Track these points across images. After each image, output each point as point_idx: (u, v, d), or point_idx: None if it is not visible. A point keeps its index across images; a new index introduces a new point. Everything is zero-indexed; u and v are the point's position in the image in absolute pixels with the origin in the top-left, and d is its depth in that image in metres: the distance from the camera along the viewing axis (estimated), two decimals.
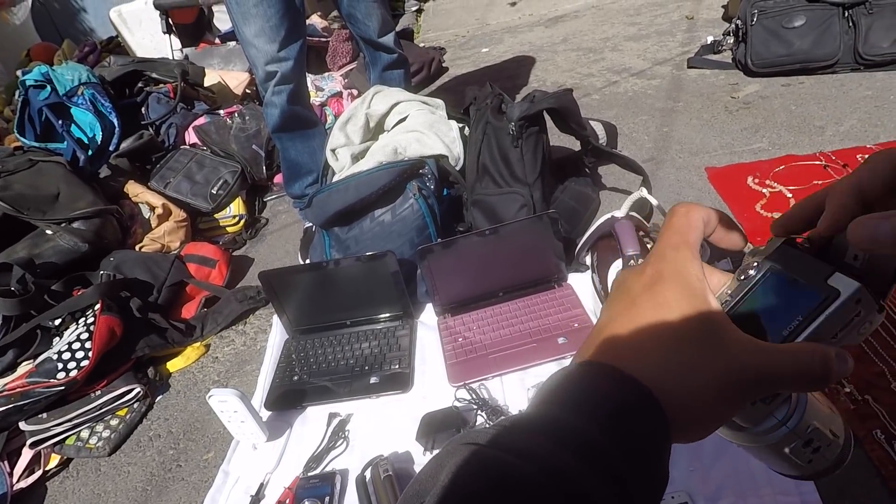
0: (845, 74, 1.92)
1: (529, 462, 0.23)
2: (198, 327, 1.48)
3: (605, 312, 0.30)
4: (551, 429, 0.25)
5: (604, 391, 0.26)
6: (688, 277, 0.28)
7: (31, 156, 1.75)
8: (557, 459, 0.23)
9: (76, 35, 4.04)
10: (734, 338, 0.26)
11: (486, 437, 0.25)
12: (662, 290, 0.27)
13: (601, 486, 0.23)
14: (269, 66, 1.52)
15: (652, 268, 0.29)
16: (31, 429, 1.21)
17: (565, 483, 0.23)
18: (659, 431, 0.25)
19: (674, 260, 0.28)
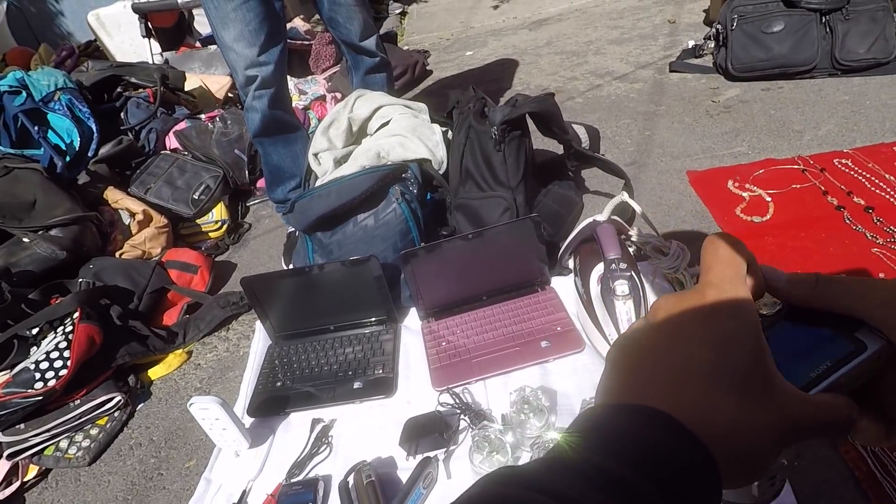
0: (823, 79, 1.97)
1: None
2: (179, 334, 1.47)
3: (649, 336, 0.28)
4: (582, 468, 0.23)
5: (662, 448, 0.24)
6: (748, 316, 0.26)
7: (6, 163, 1.72)
8: (589, 500, 0.22)
9: (53, 39, 3.98)
10: (782, 387, 0.25)
11: (527, 479, 0.23)
12: (722, 328, 0.25)
13: None
14: (248, 70, 1.51)
15: (711, 299, 0.26)
16: (8, 440, 1.19)
17: None
18: (714, 491, 0.23)
19: (735, 294, 0.26)
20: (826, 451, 0.90)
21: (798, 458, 0.90)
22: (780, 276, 0.29)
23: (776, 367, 0.25)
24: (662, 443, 0.24)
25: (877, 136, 1.64)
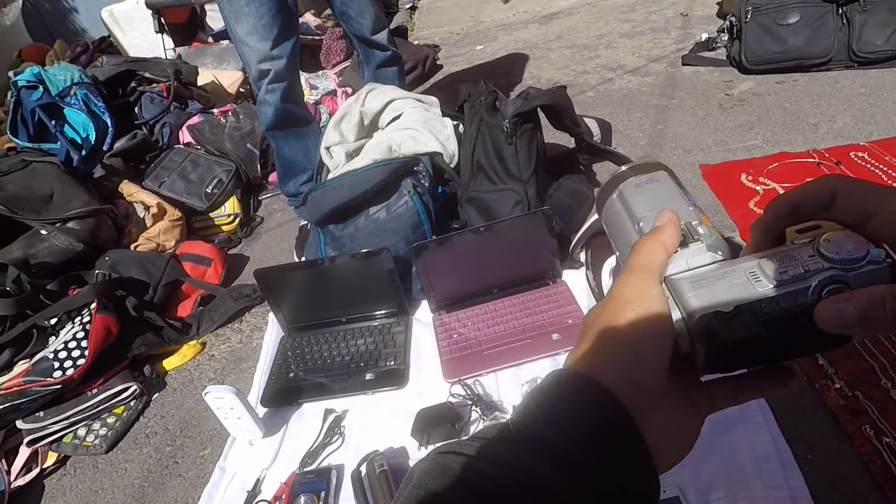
0: (839, 72, 1.93)
1: (510, 473, 0.24)
2: (194, 325, 1.49)
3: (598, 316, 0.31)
4: (529, 442, 0.25)
5: (583, 405, 0.26)
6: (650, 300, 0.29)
7: (24, 156, 1.75)
8: (538, 471, 0.24)
9: (67, 35, 4.02)
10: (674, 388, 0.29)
11: (466, 447, 0.26)
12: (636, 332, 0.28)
13: (583, 497, 0.24)
14: (262, 64, 1.52)
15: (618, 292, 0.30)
16: (28, 427, 1.22)
17: (545, 492, 0.23)
18: (635, 443, 0.26)
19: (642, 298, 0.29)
20: (840, 444, 0.89)
21: (811, 452, 0.89)
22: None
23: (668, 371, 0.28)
24: (584, 402, 0.26)
25: (894, 128, 1.61)
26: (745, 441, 0.91)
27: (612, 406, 0.25)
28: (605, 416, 0.25)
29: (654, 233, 0.30)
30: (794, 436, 0.91)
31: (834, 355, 1.02)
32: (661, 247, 0.30)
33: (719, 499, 0.85)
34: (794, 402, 0.97)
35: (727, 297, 0.27)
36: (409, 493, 0.25)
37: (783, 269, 0.27)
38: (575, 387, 0.27)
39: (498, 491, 0.24)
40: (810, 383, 0.99)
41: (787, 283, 0.27)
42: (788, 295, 0.27)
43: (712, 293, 0.28)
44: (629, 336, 0.27)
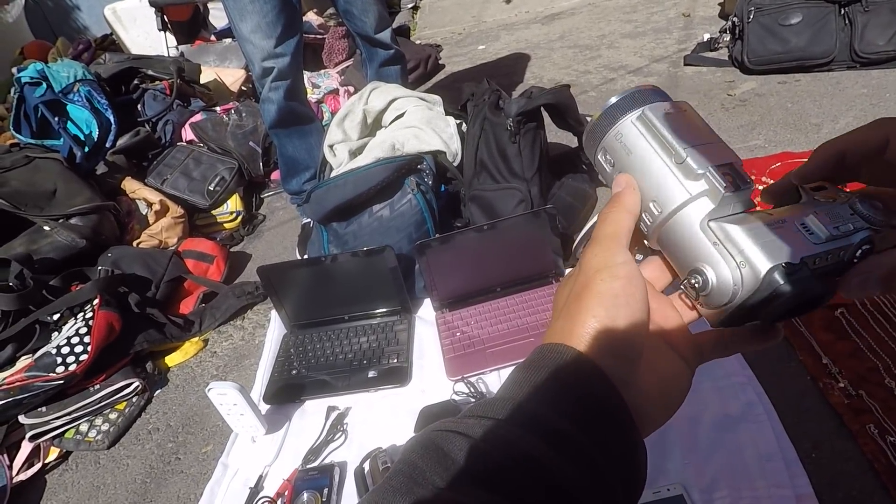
0: (841, 72, 1.94)
1: (498, 448, 0.24)
2: (196, 322, 1.49)
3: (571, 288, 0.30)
4: (518, 416, 0.25)
5: (565, 376, 0.26)
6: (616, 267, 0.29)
7: (27, 152, 1.75)
8: (527, 445, 0.24)
9: (70, 33, 4.02)
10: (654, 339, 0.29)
11: (455, 424, 0.26)
12: (610, 292, 0.28)
13: (571, 467, 0.24)
14: (265, 62, 1.52)
15: (587, 263, 0.30)
16: (30, 422, 1.22)
17: (533, 464, 0.24)
18: (617, 410, 0.26)
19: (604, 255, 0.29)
20: (844, 443, 0.89)
21: (815, 450, 0.89)
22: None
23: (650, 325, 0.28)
24: (563, 372, 0.26)
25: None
26: (749, 439, 0.92)
27: (594, 375, 0.26)
28: (587, 385, 0.26)
29: (616, 199, 0.30)
30: (797, 434, 0.91)
31: (837, 354, 1.02)
32: (627, 213, 0.29)
33: (723, 497, 0.85)
34: (798, 401, 0.97)
35: (788, 250, 0.27)
36: (395, 469, 0.25)
37: (835, 224, 0.27)
38: (558, 360, 0.27)
39: (486, 466, 0.24)
40: (814, 382, 0.99)
41: (837, 239, 0.27)
42: (834, 251, 0.27)
43: (774, 244, 0.27)
44: (601, 307, 0.26)
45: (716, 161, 0.29)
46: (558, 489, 0.23)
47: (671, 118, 0.30)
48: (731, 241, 0.27)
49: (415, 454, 0.25)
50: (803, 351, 1.04)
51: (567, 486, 0.23)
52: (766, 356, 1.05)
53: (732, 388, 1.00)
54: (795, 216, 0.28)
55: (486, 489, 0.23)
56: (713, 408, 0.97)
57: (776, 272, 0.26)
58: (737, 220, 0.28)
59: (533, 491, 0.23)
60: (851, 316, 1.08)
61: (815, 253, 0.27)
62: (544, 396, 0.26)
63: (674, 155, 0.29)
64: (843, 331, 1.06)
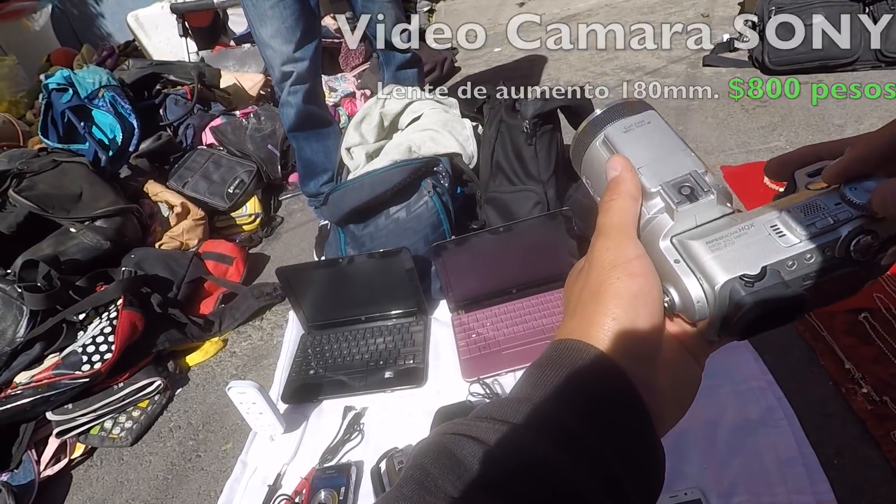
0: (865, 72, 1.90)
1: (508, 452, 0.24)
2: (216, 322, 1.51)
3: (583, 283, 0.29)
4: (529, 417, 0.25)
5: (582, 375, 0.25)
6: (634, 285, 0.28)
7: (54, 157, 1.80)
8: (538, 448, 0.23)
9: (94, 40, 4.12)
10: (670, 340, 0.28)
11: (467, 426, 0.25)
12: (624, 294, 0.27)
13: (585, 472, 0.23)
14: (285, 66, 1.55)
15: (599, 259, 0.29)
16: (57, 419, 1.25)
17: (544, 470, 0.23)
18: (637, 412, 0.25)
19: (616, 249, 0.28)
20: (868, 450, 0.88)
21: (838, 457, 0.88)
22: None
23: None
24: (579, 371, 0.25)
25: None
26: (769, 444, 0.90)
27: (613, 375, 0.25)
28: (605, 385, 0.25)
29: (615, 186, 0.28)
30: (819, 440, 0.90)
31: (861, 359, 1.00)
32: (630, 199, 0.28)
33: (742, 502, 0.84)
34: (820, 407, 0.95)
35: (751, 258, 0.25)
36: (406, 474, 0.25)
37: (809, 220, 0.25)
38: (579, 358, 0.26)
39: (499, 473, 0.23)
40: (836, 387, 0.97)
41: (815, 237, 0.24)
42: (817, 250, 0.24)
43: (733, 254, 0.25)
44: (621, 307, 0.26)
45: (671, 175, 0.28)
46: (572, 496, 0.23)
47: (630, 136, 0.30)
48: (691, 257, 0.26)
49: (427, 459, 0.25)
50: (825, 356, 1.02)
51: (582, 493, 0.23)
52: (787, 361, 1.04)
53: (752, 392, 0.98)
54: (767, 217, 0.26)
55: (498, 497, 0.23)
56: (732, 412, 0.96)
57: (733, 285, 0.24)
58: (699, 232, 0.27)
59: (546, 499, 0.23)
60: (875, 320, 1.06)
61: (786, 257, 0.25)
62: (561, 397, 0.25)
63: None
64: (867, 335, 1.04)
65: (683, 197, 0.27)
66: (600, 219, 0.29)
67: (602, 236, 0.28)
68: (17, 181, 1.64)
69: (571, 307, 0.29)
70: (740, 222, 0.26)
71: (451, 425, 0.26)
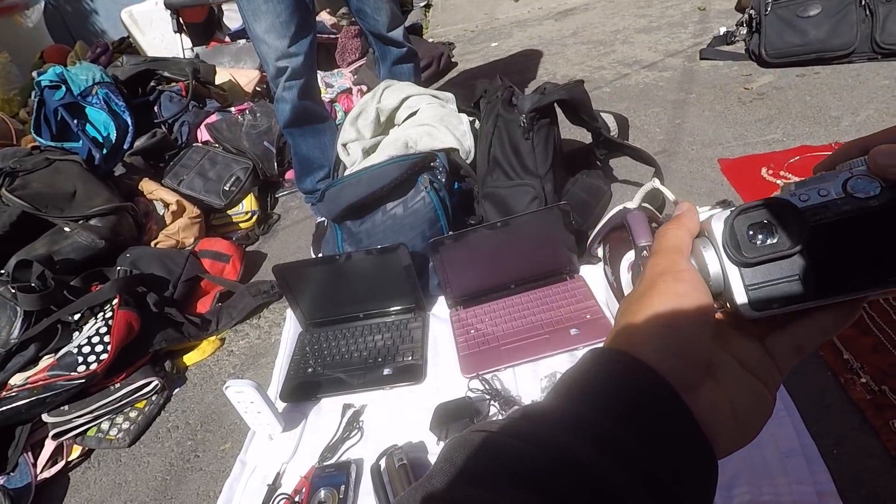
0: (862, 64, 1.90)
1: (542, 450, 0.23)
2: (213, 321, 1.50)
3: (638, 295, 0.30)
4: (563, 419, 0.25)
5: (618, 380, 0.25)
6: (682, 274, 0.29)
7: (48, 155, 1.78)
8: (572, 448, 0.23)
9: (88, 37, 4.08)
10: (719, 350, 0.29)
11: (497, 425, 0.25)
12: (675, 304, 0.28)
13: (623, 475, 0.23)
14: (279, 61, 1.54)
15: (649, 272, 0.30)
16: (53, 420, 1.24)
17: (579, 471, 0.23)
18: (680, 416, 0.24)
19: (666, 263, 0.29)
20: (867, 439, 0.87)
21: (837, 447, 0.88)
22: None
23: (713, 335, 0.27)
24: (616, 375, 0.25)
25: None
26: (769, 436, 0.90)
27: (650, 378, 0.24)
28: (643, 388, 0.24)
29: (676, 219, 0.30)
30: (819, 431, 0.90)
31: (859, 349, 1.00)
32: (686, 231, 0.29)
33: (743, 493, 0.84)
34: (820, 397, 0.95)
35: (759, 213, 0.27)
36: (436, 468, 0.25)
37: (797, 192, 0.27)
38: (608, 362, 0.26)
39: (531, 468, 0.23)
40: (835, 378, 0.97)
41: (808, 184, 0.27)
42: (809, 190, 0.27)
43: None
44: (664, 305, 0.26)
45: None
46: (605, 493, 0.22)
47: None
48: (711, 231, 0.29)
49: (457, 454, 0.24)
50: (824, 346, 1.02)
51: (618, 492, 0.22)
52: None
53: None
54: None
55: (530, 491, 0.22)
56: None
57: (733, 220, 0.27)
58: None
59: (578, 494, 0.22)
60: (874, 311, 1.06)
61: (779, 202, 0.28)
62: (595, 401, 0.25)
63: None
64: (866, 326, 1.04)
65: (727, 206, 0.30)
66: (655, 244, 0.30)
67: (654, 256, 0.29)
68: (10, 180, 1.63)
69: (617, 321, 0.29)
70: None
71: (482, 424, 0.26)
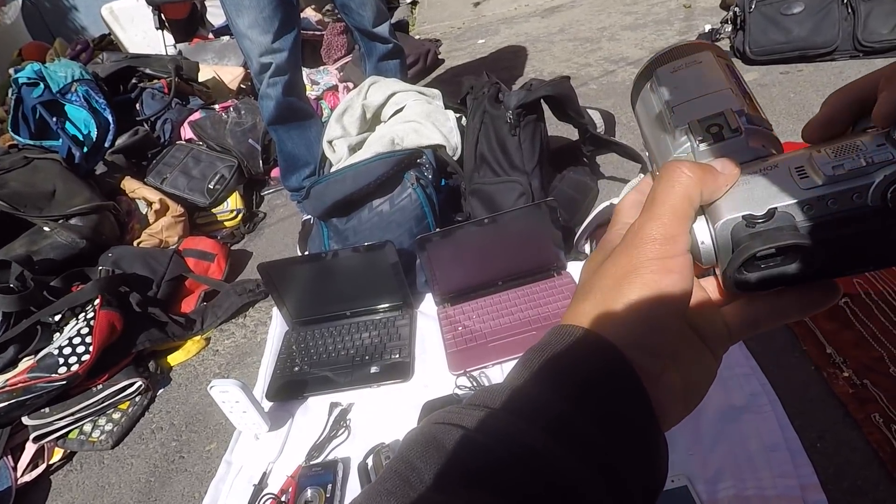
0: (844, 62, 1.92)
1: (499, 442, 0.23)
2: (198, 321, 1.48)
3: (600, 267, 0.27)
4: (521, 405, 0.24)
5: (569, 357, 0.24)
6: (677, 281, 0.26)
7: (26, 153, 1.75)
8: (529, 438, 0.22)
9: (67, 34, 4.01)
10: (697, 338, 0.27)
11: (457, 415, 0.24)
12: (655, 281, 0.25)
13: (578, 464, 0.22)
14: (263, 57, 1.52)
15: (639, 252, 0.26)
16: (34, 423, 1.22)
17: (538, 461, 0.22)
18: (639, 404, 0.24)
19: (663, 241, 0.25)
20: (849, 432, 0.89)
21: (820, 440, 0.89)
22: None
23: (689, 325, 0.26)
24: (572, 352, 0.24)
25: None
26: (753, 430, 0.91)
27: (620, 366, 0.23)
28: (610, 374, 0.23)
29: (704, 167, 0.24)
30: (802, 424, 0.91)
31: (842, 343, 1.01)
32: (698, 184, 0.24)
33: (727, 488, 0.85)
34: (803, 391, 0.96)
35: (761, 199, 0.23)
36: (390, 467, 0.24)
37: (839, 161, 0.22)
38: (576, 342, 0.24)
39: (485, 463, 0.22)
40: (818, 372, 0.98)
41: (842, 180, 0.21)
42: (842, 194, 0.21)
43: (745, 194, 0.23)
44: (644, 298, 0.24)
45: (705, 112, 0.26)
46: (567, 489, 0.22)
47: (676, 76, 0.28)
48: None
49: (412, 452, 0.24)
50: (807, 340, 1.04)
51: (578, 486, 0.22)
52: (770, 346, 1.05)
53: (736, 378, 0.99)
54: (795, 158, 0.23)
55: (487, 490, 0.22)
56: (717, 399, 0.97)
57: (735, 224, 0.23)
58: None
59: (539, 492, 0.22)
60: (856, 305, 1.07)
61: (802, 199, 0.22)
62: (557, 385, 0.23)
63: (666, 115, 0.27)
64: (848, 320, 1.05)
65: (709, 135, 0.25)
66: (661, 186, 0.24)
67: (655, 218, 0.24)
68: None
69: (587, 288, 0.26)
70: (766, 163, 0.24)
71: (441, 414, 0.25)
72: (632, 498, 0.23)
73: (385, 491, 0.23)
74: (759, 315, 0.26)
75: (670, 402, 0.25)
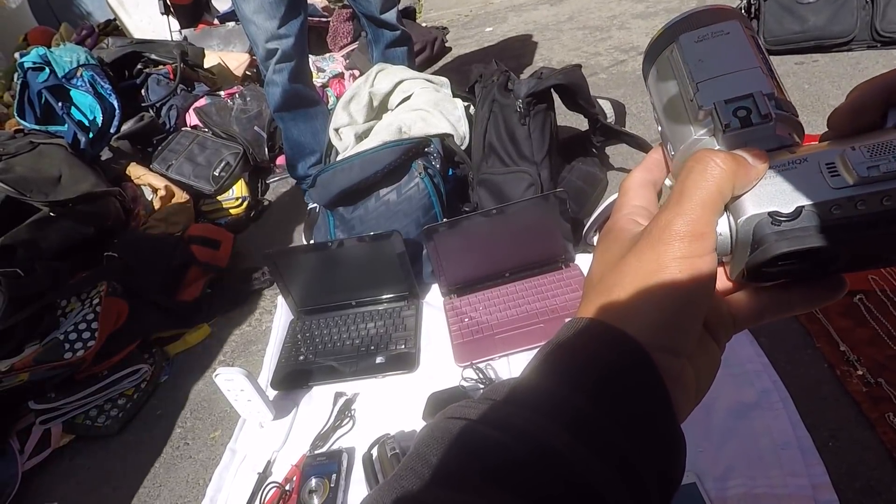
0: (861, 52, 1.88)
1: (516, 439, 0.22)
2: (202, 308, 1.48)
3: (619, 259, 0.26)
4: (540, 401, 0.23)
5: (591, 353, 0.23)
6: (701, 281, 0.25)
7: (32, 138, 1.73)
8: (545, 434, 0.22)
9: (73, 19, 3.99)
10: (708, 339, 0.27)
11: (472, 410, 0.24)
12: (678, 282, 0.24)
13: (598, 463, 0.22)
14: (269, 43, 1.50)
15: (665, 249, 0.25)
16: (40, 408, 1.22)
17: (556, 459, 0.21)
18: (660, 405, 0.23)
19: (690, 239, 0.25)
20: (863, 432, 0.87)
21: (833, 439, 0.87)
22: None
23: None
24: (590, 348, 0.23)
25: None
26: (764, 428, 0.90)
27: (646, 366, 0.23)
28: (636, 375, 0.23)
29: (736, 159, 0.23)
30: (815, 423, 0.89)
31: (856, 341, 1.00)
32: (731, 176, 0.23)
33: (737, 485, 0.84)
34: (816, 389, 0.95)
35: (790, 195, 0.22)
36: (405, 464, 0.23)
37: (874, 162, 0.21)
38: (601, 338, 0.23)
39: (503, 461, 0.22)
40: (832, 370, 0.96)
41: (874, 182, 0.21)
42: (872, 196, 0.21)
43: (772, 188, 0.22)
44: (672, 299, 0.23)
45: (730, 93, 0.24)
46: (580, 485, 0.21)
47: (701, 47, 0.26)
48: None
49: (429, 448, 0.23)
50: (821, 338, 1.02)
51: (591, 482, 0.21)
52: (783, 343, 1.03)
53: (747, 375, 0.98)
54: (827, 153, 0.22)
55: (503, 488, 0.21)
56: (727, 395, 0.95)
57: (760, 220, 0.22)
58: None
59: (553, 488, 0.21)
60: (870, 302, 1.05)
61: (831, 199, 0.21)
62: (579, 382, 0.23)
63: (689, 91, 0.25)
64: (862, 317, 1.03)
65: (736, 119, 0.23)
66: (692, 178, 0.23)
67: (684, 213, 0.23)
68: None
69: (609, 283, 0.25)
70: (794, 157, 0.23)
71: (457, 408, 0.24)
72: (649, 497, 0.22)
73: (401, 488, 0.22)
74: (765, 306, 0.26)
75: (685, 400, 0.25)
